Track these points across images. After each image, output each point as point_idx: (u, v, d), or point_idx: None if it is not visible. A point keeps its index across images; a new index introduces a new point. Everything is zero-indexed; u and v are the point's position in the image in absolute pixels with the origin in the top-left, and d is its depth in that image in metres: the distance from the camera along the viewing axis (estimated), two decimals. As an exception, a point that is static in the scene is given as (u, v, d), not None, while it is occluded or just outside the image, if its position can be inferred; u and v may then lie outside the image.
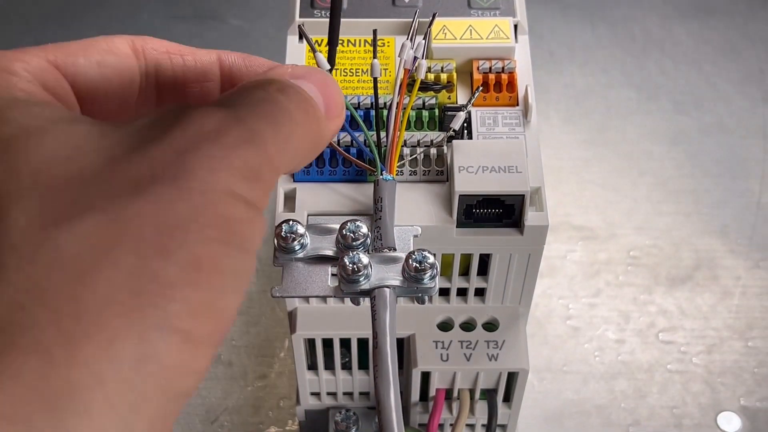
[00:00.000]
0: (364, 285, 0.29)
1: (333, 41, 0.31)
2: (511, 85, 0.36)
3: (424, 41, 0.34)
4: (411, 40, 0.34)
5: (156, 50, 0.27)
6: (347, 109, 0.34)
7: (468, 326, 0.38)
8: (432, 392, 0.39)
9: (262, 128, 0.22)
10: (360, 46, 0.37)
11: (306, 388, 0.41)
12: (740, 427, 0.49)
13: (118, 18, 0.66)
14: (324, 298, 0.37)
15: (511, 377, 0.38)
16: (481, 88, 0.35)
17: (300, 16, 0.37)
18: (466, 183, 0.33)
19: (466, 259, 0.36)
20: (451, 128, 0.34)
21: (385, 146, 0.33)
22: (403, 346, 0.38)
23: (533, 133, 0.35)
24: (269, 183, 0.22)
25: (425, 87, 0.35)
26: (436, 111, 0.35)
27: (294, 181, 0.34)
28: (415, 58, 0.34)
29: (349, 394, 0.42)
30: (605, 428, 0.49)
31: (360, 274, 0.29)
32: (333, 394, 0.42)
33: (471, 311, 0.38)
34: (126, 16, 0.67)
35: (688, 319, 0.53)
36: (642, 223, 0.57)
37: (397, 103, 0.33)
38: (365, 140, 0.34)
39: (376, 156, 0.33)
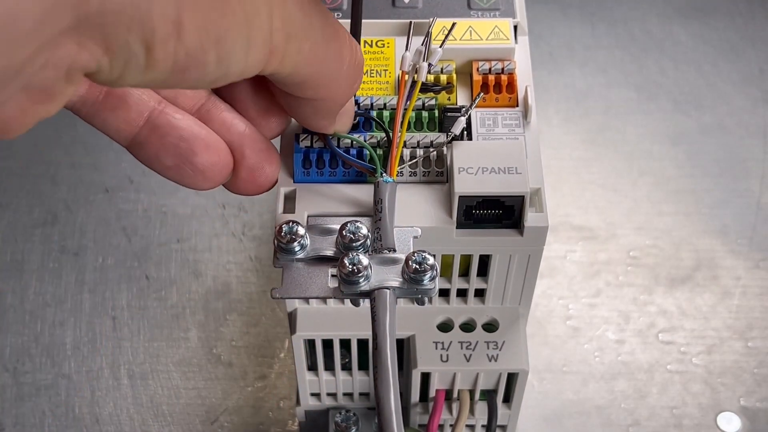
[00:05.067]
0: (364, 286, 0.29)
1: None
2: (511, 86, 0.36)
3: (434, 46, 0.34)
4: (424, 45, 0.34)
5: None
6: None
7: (468, 327, 0.38)
8: (432, 393, 0.39)
9: None
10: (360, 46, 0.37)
11: (306, 388, 0.41)
12: (740, 427, 0.49)
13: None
14: (324, 299, 0.37)
15: (511, 378, 0.38)
16: (482, 93, 0.35)
17: (300, 17, 0.37)
18: (466, 184, 0.33)
19: (466, 260, 0.36)
20: (452, 133, 0.34)
21: (387, 148, 0.33)
22: (403, 346, 0.38)
23: (533, 134, 0.35)
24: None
25: (425, 88, 0.35)
26: (436, 112, 0.35)
27: (294, 182, 0.34)
28: (430, 64, 0.34)
29: (349, 395, 0.42)
30: (605, 428, 0.49)
31: (360, 275, 0.29)
32: (333, 395, 0.42)
33: (471, 312, 0.38)
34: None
35: (688, 320, 0.53)
36: (642, 223, 0.57)
37: (403, 107, 0.33)
38: (365, 141, 0.34)
39: (376, 158, 0.33)
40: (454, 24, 0.36)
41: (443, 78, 0.36)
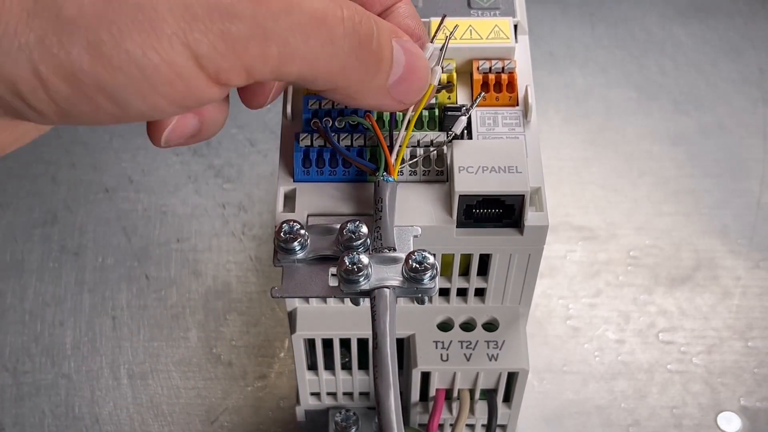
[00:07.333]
0: (364, 285, 0.29)
1: None
2: (511, 85, 0.36)
3: (428, 45, 0.34)
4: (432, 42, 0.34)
5: None
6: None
7: (468, 326, 0.38)
8: (432, 392, 0.39)
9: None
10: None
11: (306, 388, 0.41)
12: (740, 427, 0.49)
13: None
14: (324, 299, 0.37)
15: (511, 377, 0.38)
16: (483, 94, 0.35)
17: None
18: (466, 183, 0.33)
19: (466, 259, 0.36)
20: (453, 132, 0.34)
21: (389, 147, 0.33)
22: (403, 346, 0.38)
23: (533, 133, 0.35)
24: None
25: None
26: (436, 111, 0.35)
27: (294, 181, 0.34)
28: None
29: (349, 395, 0.42)
30: (605, 428, 0.49)
31: (360, 274, 0.29)
32: (333, 395, 0.42)
33: (471, 311, 0.38)
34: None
35: (688, 319, 0.53)
36: (642, 224, 0.57)
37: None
38: (365, 142, 0.34)
39: (377, 157, 0.33)
40: (444, 16, 0.35)
41: (443, 77, 0.36)
